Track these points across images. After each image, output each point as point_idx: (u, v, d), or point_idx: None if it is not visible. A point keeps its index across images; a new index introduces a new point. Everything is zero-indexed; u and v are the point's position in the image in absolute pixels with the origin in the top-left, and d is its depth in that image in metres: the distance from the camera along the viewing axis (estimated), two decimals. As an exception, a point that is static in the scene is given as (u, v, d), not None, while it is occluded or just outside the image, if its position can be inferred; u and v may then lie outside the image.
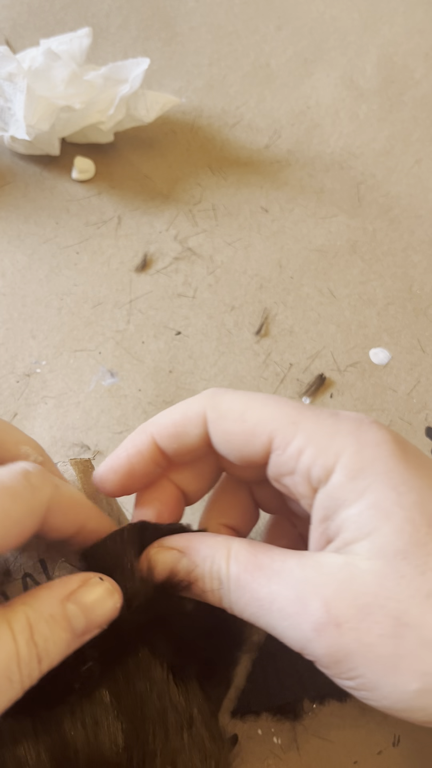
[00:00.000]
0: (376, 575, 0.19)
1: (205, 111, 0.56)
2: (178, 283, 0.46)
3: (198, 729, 0.22)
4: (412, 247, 0.49)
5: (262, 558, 0.21)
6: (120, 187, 0.50)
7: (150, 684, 0.22)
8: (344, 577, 0.20)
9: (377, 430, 0.22)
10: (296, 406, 0.23)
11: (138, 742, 0.22)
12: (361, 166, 0.54)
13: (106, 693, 0.22)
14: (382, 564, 0.19)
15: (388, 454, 0.21)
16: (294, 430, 0.22)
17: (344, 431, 0.21)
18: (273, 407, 0.23)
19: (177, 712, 0.22)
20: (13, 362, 0.42)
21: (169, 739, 0.22)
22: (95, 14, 0.60)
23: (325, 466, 0.21)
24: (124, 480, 0.25)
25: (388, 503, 0.20)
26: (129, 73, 0.48)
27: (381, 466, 0.20)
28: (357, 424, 0.22)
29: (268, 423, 0.22)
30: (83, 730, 0.22)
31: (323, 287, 0.47)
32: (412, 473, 0.20)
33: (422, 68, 0.61)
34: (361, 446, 0.21)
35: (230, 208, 0.50)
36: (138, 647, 0.23)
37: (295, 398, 0.42)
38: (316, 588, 0.20)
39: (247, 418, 0.22)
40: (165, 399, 0.41)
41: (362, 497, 0.20)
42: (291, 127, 0.56)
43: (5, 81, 0.44)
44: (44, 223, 0.48)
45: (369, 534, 0.20)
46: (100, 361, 0.42)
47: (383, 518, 0.20)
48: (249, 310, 0.45)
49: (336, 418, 0.22)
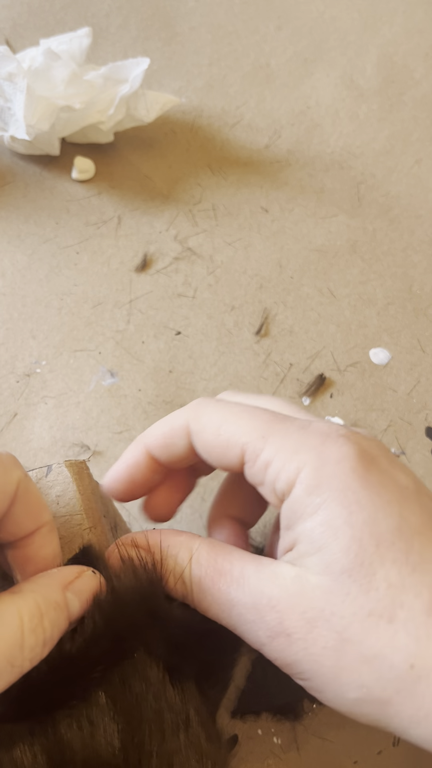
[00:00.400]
0: (323, 591, 0.20)
1: (205, 111, 0.56)
2: (178, 283, 0.46)
3: (195, 729, 0.22)
4: (412, 247, 0.49)
5: (222, 563, 0.23)
6: (120, 187, 0.50)
7: (146, 685, 0.22)
8: (295, 590, 0.21)
9: (342, 445, 0.22)
10: (269, 419, 0.23)
11: (134, 743, 0.22)
12: (361, 166, 0.54)
13: (102, 694, 0.22)
14: (329, 580, 0.20)
15: (347, 470, 0.21)
16: (263, 443, 0.23)
17: (308, 446, 0.22)
18: (246, 420, 0.24)
19: (173, 712, 0.22)
20: (13, 362, 0.42)
21: (166, 740, 0.22)
22: (95, 14, 0.60)
23: (287, 480, 0.22)
24: (128, 488, 0.27)
25: (338, 521, 0.21)
26: (129, 73, 0.48)
27: (337, 483, 0.21)
28: (323, 438, 0.22)
29: (241, 436, 0.23)
30: (79, 732, 0.22)
31: (323, 287, 0.47)
32: (368, 491, 0.21)
33: (422, 68, 0.61)
34: (322, 462, 0.22)
35: (230, 208, 0.50)
36: (134, 649, 0.23)
37: (295, 398, 0.42)
38: (271, 600, 0.21)
39: (222, 432, 0.24)
40: (165, 399, 0.41)
41: (316, 513, 0.21)
42: (291, 127, 0.56)
43: (5, 81, 0.44)
44: (44, 223, 0.48)
45: (319, 549, 0.21)
46: (100, 361, 0.42)
47: (332, 536, 0.21)
48: (249, 310, 0.45)
49: (304, 432, 0.23)
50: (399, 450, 0.40)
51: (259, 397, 0.27)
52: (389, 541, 0.20)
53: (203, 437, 0.24)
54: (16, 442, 0.39)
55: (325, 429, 0.23)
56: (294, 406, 0.26)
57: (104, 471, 0.38)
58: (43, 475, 0.26)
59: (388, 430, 0.41)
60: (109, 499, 0.29)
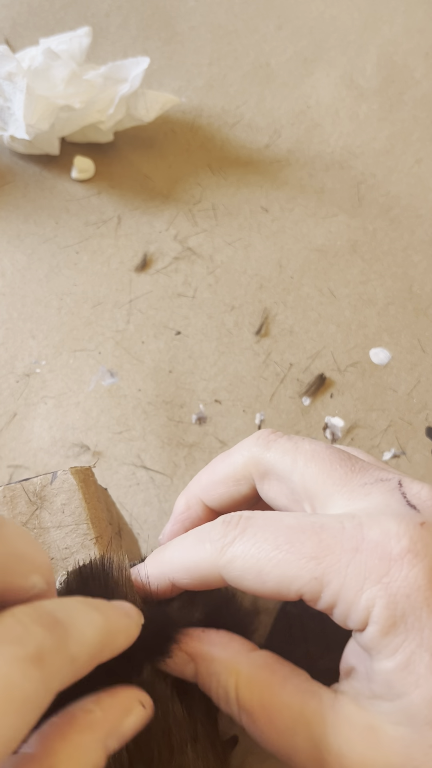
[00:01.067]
0: (402, 743, 0.18)
1: (205, 110, 0.56)
2: (178, 283, 0.46)
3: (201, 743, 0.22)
4: (413, 247, 0.49)
5: (277, 697, 0.20)
6: (120, 186, 0.50)
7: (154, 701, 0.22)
8: (369, 745, 0.19)
9: (407, 573, 0.19)
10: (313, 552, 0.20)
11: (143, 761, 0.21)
12: (362, 165, 0.54)
13: None
14: (408, 732, 0.18)
15: (420, 604, 0.19)
16: (319, 586, 0.20)
17: (371, 579, 0.19)
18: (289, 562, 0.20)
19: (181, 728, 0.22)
20: (13, 362, 0.41)
21: (174, 757, 0.21)
22: (95, 14, 0.60)
23: (358, 621, 0.20)
24: None
25: (420, 667, 0.19)
26: (129, 73, 0.48)
27: (413, 621, 0.19)
28: (385, 566, 0.19)
29: (291, 582, 0.20)
30: None
31: (323, 287, 0.47)
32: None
33: (422, 68, 0.61)
34: (391, 598, 0.19)
35: (230, 207, 0.50)
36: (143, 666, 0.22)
37: (295, 398, 0.42)
38: (340, 758, 0.19)
39: (266, 579, 0.20)
40: (165, 399, 0.41)
41: (395, 655, 0.19)
42: (291, 127, 0.55)
43: (5, 80, 0.44)
44: (44, 223, 0.48)
45: (398, 697, 0.19)
46: (100, 361, 0.42)
47: (413, 683, 0.19)
48: (249, 310, 0.45)
49: (360, 557, 0.19)
50: (399, 450, 0.40)
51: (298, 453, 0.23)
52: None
53: (246, 585, 0.21)
54: (16, 442, 0.38)
55: (384, 543, 0.19)
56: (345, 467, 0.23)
57: (105, 471, 0.38)
58: (48, 482, 0.26)
59: (389, 430, 0.41)
60: (112, 503, 0.29)
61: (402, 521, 0.20)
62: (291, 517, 0.21)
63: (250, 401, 0.41)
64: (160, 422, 0.40)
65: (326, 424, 0.41)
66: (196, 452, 0.39)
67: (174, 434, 0.39)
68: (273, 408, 0.41)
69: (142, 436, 0.39)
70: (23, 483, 0.26)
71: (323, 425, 0.41)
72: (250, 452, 0.24)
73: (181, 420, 0.40)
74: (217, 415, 0.41)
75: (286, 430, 0.41)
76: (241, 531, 0.21)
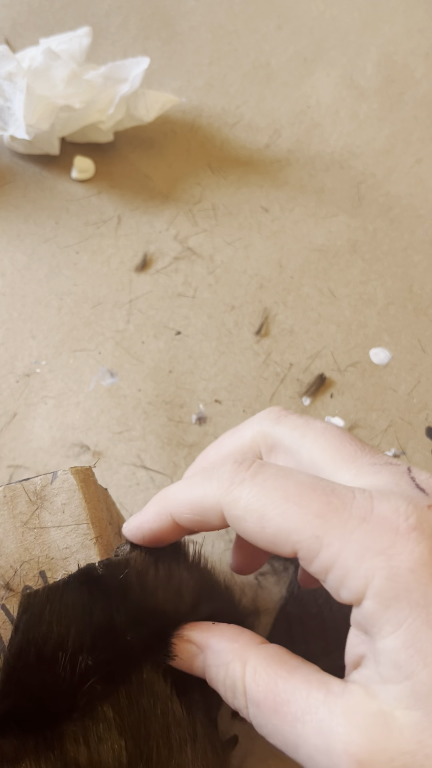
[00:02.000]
0: (414, 729, 0.17)
1: (205, 110, 0.56)
2: (178, 283, 0.46)
3: (201, 743, 0.22)
4: (413, 247, 0.49)
5: (284, 688, 0.20)
6: (120, 186, 0.50)
7: (154, 700, 0.22)
8: (379, 733, 0.18)
9: (413, 548, 0.19)
10: (321, 508, 0.20)
11: (142, 760, 0.21)
12: (362, 165, 0.54)
13: (110, 710, 0.22)
14: (420, 716, 0.17)
15: (426, 580, 0.18)
16: (318, 545, 0.19)
17: (375, 549, 0.19)
18: (294, 509, 0.20)
19: (180, 727, 0.22)
20: (13, 362, 0.41)
21: (173, 756, 0.21)
22: (95, 13, 0.60)
23: (354, 590, 0.19)
24: (149, 543, 0.25)
25: (427, 644, 0.18)
26: (129, 73, 0.48)
27: (418, 597, 0.18)
28: (390, 537, 0.19)
29: (290, 534, 0.20)
30: (86, 748, 0.21)
31: (323, 287, 0.47)
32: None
33: (423, 67, 0.61)
34: (394, 571, 0.18)
35: (230, 207, 0.50)
36: (142, 663, 0.22)
37: (295, 398, 0.42)
38: (348, 746, 0.18)
39: (266, 524, 0.20)
40: (165, 399, 0.41)
41: (398, 631, 0.18)
42: (291, 127, 0.55)
43: (5, 80, 0.44)
44: (44, 223, 0.48)
45: (407, 678, 0.18)
46: (100, 361, 0.42)
47: (422, 662, 0.18)
48: (249, 310, 0.45)
49: (366, 527, 0.19)
50: (399, 450, 0.40)
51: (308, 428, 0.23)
52: None
53: (244, 526, 0.21)
54: (16, 442, 0.38)
55: (392, 519, 0.19)
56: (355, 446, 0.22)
57: (105, 471, 0.38)
58: (48, 482, 0.26)
59: (389, 430, 0.41)
60: (112, 503, 0.29)
61: (411, 501, 0.19)
62: (304, 475, 0.21)
63: (250, 401, 0.41)
64: (160, 422, 0.40)
65: (326, 424, 0.41)
66: (196, 452, 0.39)
67: (174, 434, 0.39)
68: (273, 408, 0.41)
69: (142, 436, 0.39)
70: (23, 483, 0.26)
71: (323, 425, 0.41)
72: (261, 426, 0.24)
73: (181, 420, 0.40)
74: (217, 415, 0.41)
75: (286, 430, 0.41)
76: (252, 475, 0.21)
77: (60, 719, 0.21)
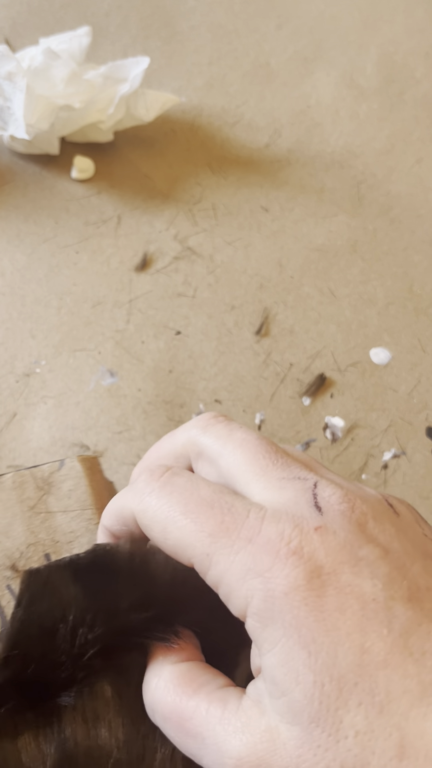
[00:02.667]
0: (294, 745, 0.19)
1: (205, 110, 0.55)
2: (177, 283, 0.46)
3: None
4: (413, 247, 0.49)
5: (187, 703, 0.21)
6: (120, 186, 0.50)
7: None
8: (265, 749, 0.19)
9: (289, 573, 0.19)
10: (214, 527, 0.21)
11: (139, 737, 0.22)
12: (362, 165, 0.54)
13: (108, 688, 0.22)
14: (299, 731, 0.19)
15: (297, 603, 0.19)
16: (208, 562, 0.21)
17: (255, 570, 0.20)
18: (191, 525, 0.21)
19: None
20: (13, 362, 0.41)
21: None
22: (95, 13, 0.60)
23: (238, 608, 0.20)
24: None
25: (298, 663, 0.19)
26: (129, 72, 0.48)
27: (290, 619, 0.19)
28: (270, 562, 0.20)
29: (185, 549, 0.21)
30: (84, 724, 0.22)
31: (323, 287, 0.47)
32: (324, 625, 0.19)
33: (423, 67, 0.61)
34: (269, 593, 0.19)
35: (230, 207, 0.50)
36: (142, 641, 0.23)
37: (295, 398, 0.42)
38: (238, 762, 0.19)
39: (168, 537, 0.22)
40: (165, 399, 0.41)
41: (273, 650, 0.19)
42: (291, 126, 0.55)
43: (4, 80, 0.44)
44: (43, 223, 0.47)
45: (284, 694, 0.19)
46: (100, 361, 0.42)
47: (294, 680, 0.19)
48: (249, 309, 0.45)
49: (251, 548, 0.20)
50: (399, 450, 0.40)
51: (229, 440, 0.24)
52: (352, 683, 0.18)
53: (151, 535, 0.22)
54: (16, 442, 0.38)
55: (275, 541, 0.20)
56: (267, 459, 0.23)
57: (105, 471, 0.38)
58: (56, 469, 0.26)
59: (389, 430, 0.41)
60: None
61: (298, 524, 0.20)
62: (209, 490, 0.22)
63: (250, 401, 0.41)
64: (160, 422, 0.40)
65: (326, 424, 0.41)
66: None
67: (174, 434, 0.40)
68: (273, 408, 0.41)
69: (142, 436, 0.39)
70: (32, 469, 0.26)
71: (323, 425, 0.41)
72: (189, 434, 0.25)
73: (181, 420, 0.40)
74: (217, 415, 0.40)
75: (287, 430, 0.41)
76: (160, 486, 0.22)
77: (59, 692, 0.22)
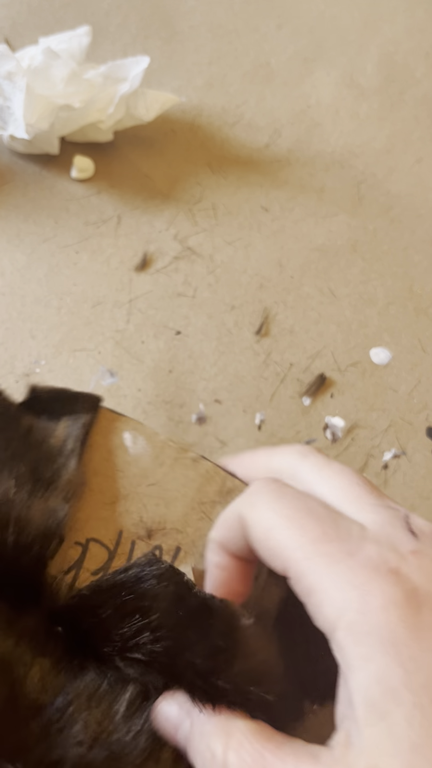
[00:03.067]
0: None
1: (205, 110, 0.55)
2: (177, 283, 0.46)
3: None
4: (413, 247, 0.49)
5: (272, 761, 0.19)
6: (119, 186, 0.50)
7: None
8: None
9: (389, 586, 0.19)
10: (318, 536, 0.21)
11: None
12: (362, 165, 0.54)
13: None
14: (398, 764, 0.18)
15: (395, 619, 0.19)
16: (304, 569, 0.21)
17: (353, 583, 0.20)
18: (295, 531, 0.21)
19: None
20: (13, 362, 0.41)
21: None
22: (94, 13, 0.60)
23: (329, 619, 0.20)
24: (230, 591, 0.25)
25: (395, 681, 0.18)
26: (129, 72, 0.48)
27: (387, 634, 0.19)
28: (369, 574, 0.20)
29: (284, 551, 0.21)
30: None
31: (323, 287, 0.47)
32: (422, 645, 0.18)
33: (423, 67, 0.61)
34: (366, 607, 0.19)
35: (230, 207, 0.50)
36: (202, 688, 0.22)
37: (296, 398, 0.42)
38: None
39: (270, 537, 0.22)
40: (165, 399, 0.41)
41: (367, 666, 0.19)
42: (291, 126, 0.55)
43: (4, 80, 0.44)
44: (43, 223, 0.47)
45: (382, 718, 0.18)
46: (100, 361, 0.42)
47: (392, 700, 0.18)
48: (249, 309, 0.45)
49: (351, 562, 0.20)
50: (399, 450, 0.40)
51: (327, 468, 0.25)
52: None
53: (253, 534, 0.23)
54: (16, 443, 0.38)
55: (375, 559, 0.20)
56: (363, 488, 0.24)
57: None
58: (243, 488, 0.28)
59: (389, 430, 0.41)
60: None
61: (396, 546, 0.21)
62: (316, 502, 0.23)
63: (251, 401, 0.41)
64: (160, 422, 0.40)
65: (326, 424, 0.41)
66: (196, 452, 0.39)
67: (174, 434, 0.39)
68: (273, 408, 0.41)
69: (141, 436, 0.39)
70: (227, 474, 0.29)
71: (323, 425, 0.41)
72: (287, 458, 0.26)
73: (181, 420, 0.40)
74: (217, 415, 0.40)
75: (287, 430, 0.41)
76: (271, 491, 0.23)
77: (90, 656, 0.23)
